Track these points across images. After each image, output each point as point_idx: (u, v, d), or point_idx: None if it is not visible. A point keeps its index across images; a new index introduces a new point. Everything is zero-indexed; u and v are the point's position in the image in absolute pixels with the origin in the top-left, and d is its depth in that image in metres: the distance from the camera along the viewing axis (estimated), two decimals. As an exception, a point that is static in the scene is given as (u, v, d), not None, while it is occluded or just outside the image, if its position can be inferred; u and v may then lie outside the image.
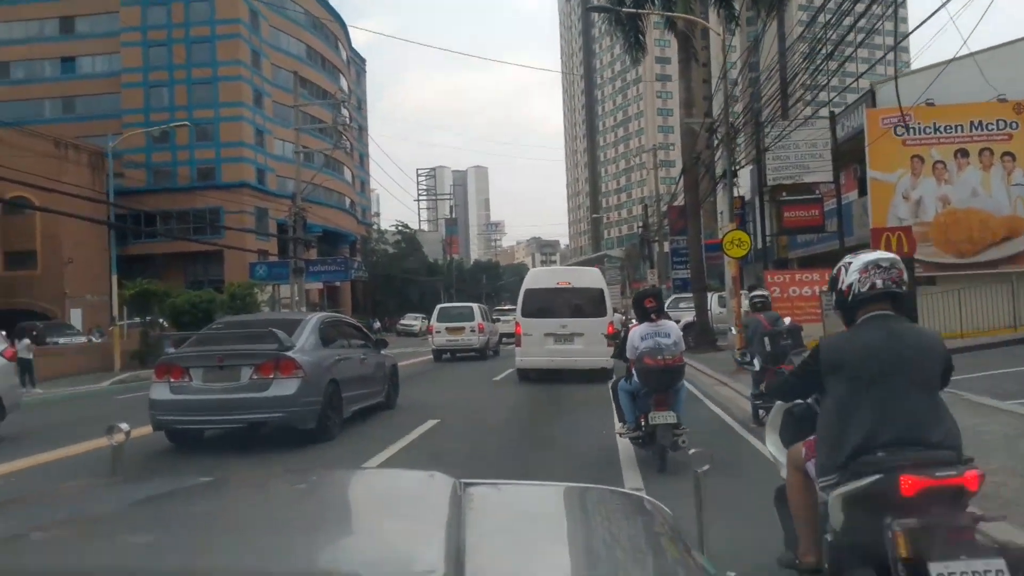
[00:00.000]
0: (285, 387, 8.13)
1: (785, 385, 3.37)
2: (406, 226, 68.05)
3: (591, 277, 15.72)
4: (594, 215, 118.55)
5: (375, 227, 71.70)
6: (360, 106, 70.48)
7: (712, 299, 22.16)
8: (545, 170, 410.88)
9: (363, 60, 73.11)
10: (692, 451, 2.43)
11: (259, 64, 50.81)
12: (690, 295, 23.57)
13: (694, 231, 21.99)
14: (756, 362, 7.99)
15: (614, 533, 1.64)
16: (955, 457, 2.64)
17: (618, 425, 7.46)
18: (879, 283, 2.79)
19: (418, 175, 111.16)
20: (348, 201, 63.53)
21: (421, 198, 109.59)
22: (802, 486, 3.08)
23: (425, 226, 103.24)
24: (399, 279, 62.93)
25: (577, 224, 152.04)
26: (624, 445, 7.33)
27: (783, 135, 19.81)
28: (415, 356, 23.58)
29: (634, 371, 6.86)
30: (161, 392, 8.33)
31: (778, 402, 3.64)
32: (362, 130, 71.39)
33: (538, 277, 16.08)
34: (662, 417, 6.48)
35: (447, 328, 22.38)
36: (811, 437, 3.04)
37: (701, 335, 21.07)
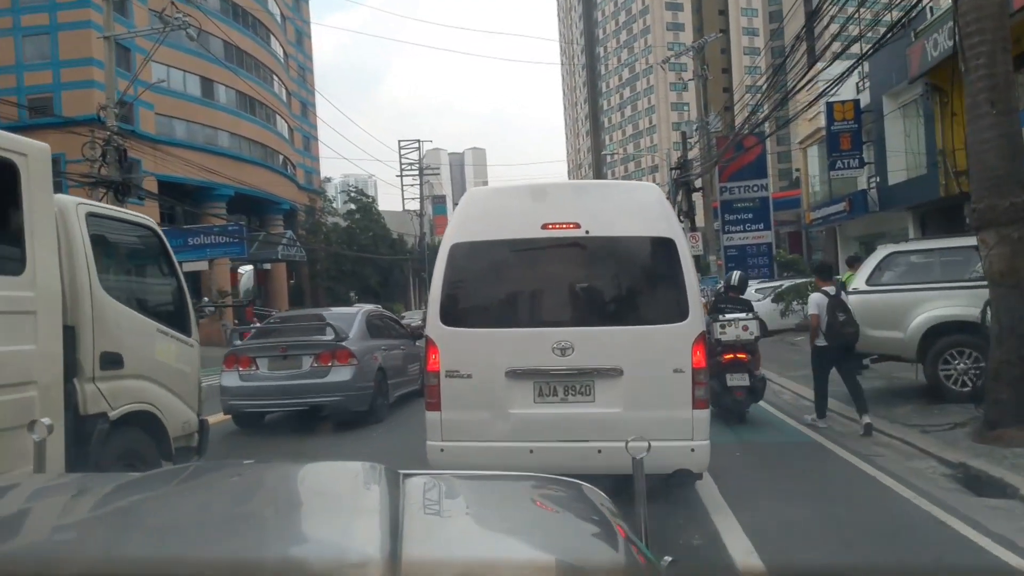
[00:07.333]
0: (342, 373, 9.31)
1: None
2: (361, 192, 53.01)
3: (638, 206, 4.96)
4: (602, 152, 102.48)
5: (324, 195, 56.53)
6: (300, 40, 55.40)
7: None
8: (545, 147, 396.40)
9: (305, -17, 57.97)
10: (630, 440, 2.37)
11: (126, -45, 35.93)
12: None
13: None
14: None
15: (552, 520, 1.62)
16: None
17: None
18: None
19: (400, 147, 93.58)
20: (281, 159, 48.66)
21: (405, 174, 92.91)
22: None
23: (414, 205, 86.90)
24: (352, 260, 48.07)
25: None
26: None
27: None
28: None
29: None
30: (231, 380, 9.57)
31: None
32: (306, 72, 56.39)
33: (487, 210, 5.11)
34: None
35: None
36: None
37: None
